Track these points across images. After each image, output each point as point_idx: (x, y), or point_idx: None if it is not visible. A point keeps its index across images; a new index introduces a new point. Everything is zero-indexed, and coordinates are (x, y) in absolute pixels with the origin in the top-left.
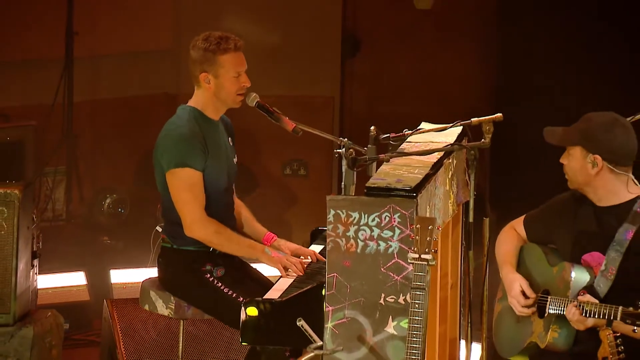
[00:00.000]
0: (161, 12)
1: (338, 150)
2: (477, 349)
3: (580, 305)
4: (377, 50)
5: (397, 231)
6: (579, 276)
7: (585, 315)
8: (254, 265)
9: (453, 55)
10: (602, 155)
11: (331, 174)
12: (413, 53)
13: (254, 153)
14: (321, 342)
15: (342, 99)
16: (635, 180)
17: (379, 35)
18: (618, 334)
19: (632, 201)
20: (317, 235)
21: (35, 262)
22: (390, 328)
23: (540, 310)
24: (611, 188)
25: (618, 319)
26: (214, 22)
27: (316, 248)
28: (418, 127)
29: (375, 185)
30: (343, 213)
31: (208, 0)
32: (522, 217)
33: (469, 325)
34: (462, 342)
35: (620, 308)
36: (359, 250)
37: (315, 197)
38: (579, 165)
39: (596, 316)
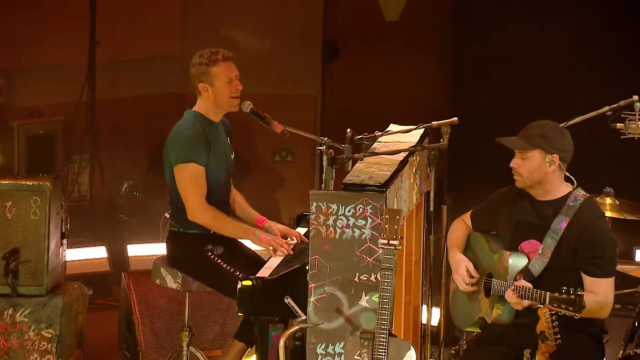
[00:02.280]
0: (169, 25)
1: (319, 148)
2: (436, 312)
3: (516, 289)
4: (352, 56)
5: (369, 220)
6: (515, 262)
7: (521, 298)
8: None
9: (416, 61)
10: (559, 155)
11: (314, 161)
12: (383, 59)
13: (248, 143)
14: (305, 317)
15: (323, 98)
16: (571, 177)
17: (354, 43)
18: (554, 312)
19: (566, 196)
20: (302, 219)
21: (64, 241)
22: (364, 302)
23: (486, 291)
24: (555, 184)
25: (547, 302)
26: (215, 33)
27: (301, 230)
28: (387, 129)
29: (351, 182)
30: (324, 205)
31: (210, 15)
32: (470, 212)
33: (430, 294)
34: (424, 307)
35: (548, 293)
36: (337, 237)
37: (300, 181)
38: (537, 165)
39: (529, 299)
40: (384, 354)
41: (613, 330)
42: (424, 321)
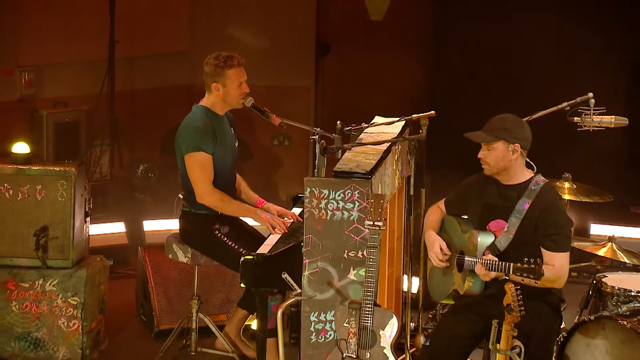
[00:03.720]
0: (179, 25)
1: (313, 137)
2: (416, 281)
3: (485, 263)
4: (342, 53)
5: (357, 204)
6: (483, 240)
7: (489, 270)
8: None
9: (399, 57)
10: (520, 144)
11: (308, 146)
12: (369, 55)
13: (250, 129)
14: (300, 290)
15: (316, 89)
16: (531, 163)
17: (343, 41)
18: (518, 287)
19: (528, 180)
20: (297, 201)
21: (87, 219)
22: (352, 275)
23: (459, 266)
24: (519, 170)
25: (511, 272)
26: (220, 32)
27: (296, 210)
28: (372, 121)
29: (341, 170)
30: (316, 190)
31: (216, 16)
32: (443, 199)
33: (410, 266)
34: (405, 277)
35: (512, 264)
36: (328, 218)
37: (296, 163)
38: (502, 154)
39: (496, 271)
40: (369, 321)
41: (571, 296)
42: (405, 289)
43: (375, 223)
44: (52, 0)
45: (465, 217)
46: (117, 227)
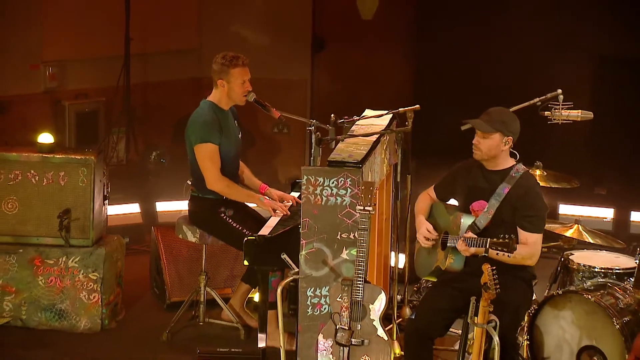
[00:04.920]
0: (188, 24)
1: (309, 128)
2: (402, 258)
3: (465, 240)
4: (335, 48)
5: (349, 190)
6: (465, 221)
7: (468, 246)
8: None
9: (387, 53)
10: (513, 137)
11: (304, 133)
12: (360, 51)
13: (253, 118)
14: (297, 269)
15: (312, 81)
16: (515, 152)
17: (337, 37)
18: (494, 267)
19: (510, 168)
20: (295, 185)
21: (106, 202)
22: (344, 254)
23: (443, 245)
24: (504, 158)
25: (488, 246)
26: (225, 30)
27: (295, 194)
28: (363, 114)
29: (334, 159)
30: (312, 178)
31: (221, 15)
32: (432, 186)
33: (397, 244)
34: (392, 254)
35: (489, 239)
36: (323, 203)
37: (294, 148)
38: (496, 144)
39: (475, 246)
40: (360, 296)
41: (541, 271)
42: (393, 265)
43: (366, 208)
44: (73, 1)
45: (450, 203)
46: (133, 208)
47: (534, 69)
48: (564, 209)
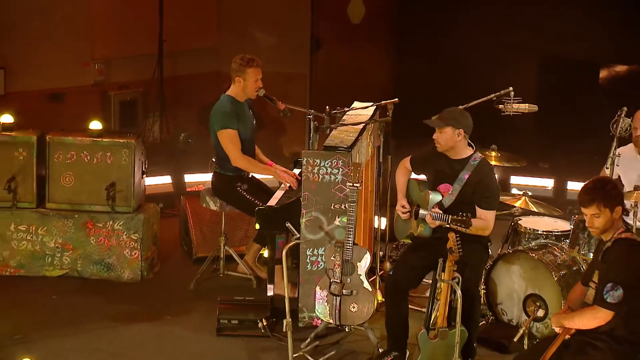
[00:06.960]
0: (209, 25)
1: (308, 116)
2: (384, 221)
3: (432, 214)
4: (331, 47)
5: (341, 170)
6: (433, 198)
7: (434, 219)
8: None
9: (372, 52)
10: (464, 129)
11: (304, 116)
12: (350, 50)
13: (263, 106)
14: (299, 235)
15: (311, 75)
16: (471, 143)
17: (332, 38)
18: (458, 235)
19: (469, 157)
20: (297, 164)
21: (144, 176)
22: (337, 222)
23: (415, 215)
24: (462, 149)
25: (449, 222)
26: (241, 31)
27: (296, 171)
28: (352, 106)
29: (329, 145)
30: (311, 159)
31: (237, 18)
32: (409, 157)
33: (380, 210)
34: (376, 218)
35: (450, 215)
36: (319, 180)
37: (296, 128)
38: (449, 137)
39: (440, 220)
40: (350, 256)
41: (496, 231)
42: (376, 227)
43: (354, 185)
44: (117, 9)
45: (423, 178)
46: (165, 179)
47: (495, 68)
48: (515, 180)
